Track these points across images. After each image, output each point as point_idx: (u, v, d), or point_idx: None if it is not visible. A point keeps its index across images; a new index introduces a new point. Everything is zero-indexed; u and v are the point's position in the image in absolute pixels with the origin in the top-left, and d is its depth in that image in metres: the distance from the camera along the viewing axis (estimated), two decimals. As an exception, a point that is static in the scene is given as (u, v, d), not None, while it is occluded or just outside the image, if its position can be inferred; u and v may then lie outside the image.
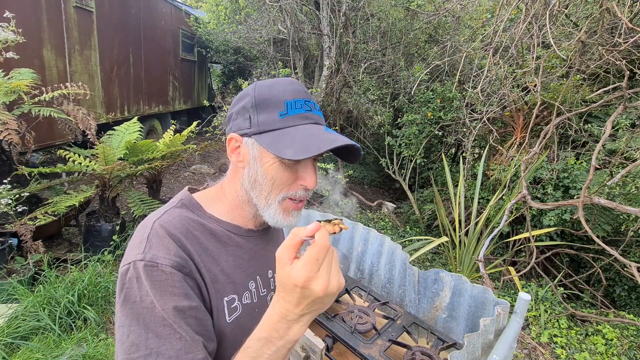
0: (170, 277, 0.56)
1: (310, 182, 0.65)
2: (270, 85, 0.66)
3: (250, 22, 6.43)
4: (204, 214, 0.69)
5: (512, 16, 3.52)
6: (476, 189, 3.66)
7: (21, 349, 2.07)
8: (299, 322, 0.52)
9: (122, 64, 5.24)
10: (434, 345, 1.26)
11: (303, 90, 0.67)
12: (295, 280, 0.48)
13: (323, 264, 0.49)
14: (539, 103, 3.13)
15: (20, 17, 3.11)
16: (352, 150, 0.67)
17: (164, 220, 0.62)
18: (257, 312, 0.70)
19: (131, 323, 0.53)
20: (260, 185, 0.66)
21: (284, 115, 0.63)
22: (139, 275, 0.55)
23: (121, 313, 0.55)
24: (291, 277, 0.49)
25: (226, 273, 0.66)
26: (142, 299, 0.54)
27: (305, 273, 0.48)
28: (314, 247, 0.49)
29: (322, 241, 0.50)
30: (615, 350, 2.61)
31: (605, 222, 3.22)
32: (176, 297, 0.55)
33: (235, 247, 0.70)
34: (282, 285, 0.51)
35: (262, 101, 0.64)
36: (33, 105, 2.91)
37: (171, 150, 3.56)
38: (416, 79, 4.60)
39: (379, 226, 4.90)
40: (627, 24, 2.12)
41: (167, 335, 0.53)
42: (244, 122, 0.65)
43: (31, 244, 2.55)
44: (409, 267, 1.59)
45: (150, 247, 0.57)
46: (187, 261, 0.59)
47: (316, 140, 0.60)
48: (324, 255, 0.49)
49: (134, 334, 0.53)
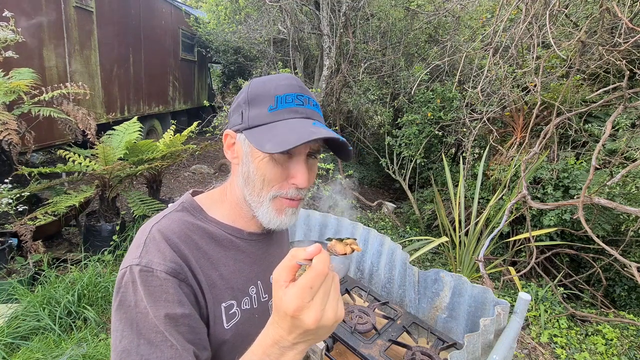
0: (164, 283, 0.55)
1: (300, 180, 0.62)
2: (264, 81, 0.65)
3: (250, 22, 6.43)
4: (205, 217, 0.68)
5: (512, 16, 3.51)
6: (476, 189, 3.66)
7: (21, 349, 2.07)
8: (293, 350, 0.48)
9: (122, 64, 5.24)
10: (434, 345, 1.26)
11: (298, 85, 0.65)
12: (286, 309, 0.44)
13: (318, 293, 0.45)
14: (539, 103, 3.13)
15: (20, 17, 3.11)
16: (341, 146, 0.64)
17: (162, 225, 0.61)
18: (257, 318, 0.69)
19: (124, 328, 0.53)
20: (253, 182, 0.64)
21: (273, 109, 0.62)
22: (135, 280, 0.55)
23: (116, 317, 0.54)
24: (282, 304, 0.45)
25: (225, 278, 0.65)
26: (136, 304, 0.54)
27: (297, 302, 0.44)
28: (309, 273, 0.45)
29: (318, 267, 0.45)
30: (615, 350, 2.61)
31: (605, 222, 3.21)
32: (169, 304, 0.54)
33: (236, 251, 0.68)
34: (276, 309, 0.47)
35: (254, 97, 0.64)
36: (33, 105, 2.91)
37: (171, 150, 3.55)
38: (416, 79, 4.60)
39: (379, 226, 4.90)
40: (627, 24, 2.12)
41: (158, 342, 0.52)
42: (237, 118, 0.65)
43: (31, 244, 2.55)
44: (409, 267, 1.59)
45: (147, 252, 0.57)
46: (182, 267, 0.58)
47: (297, 133, 0.58)
48: (319, 283, 0.45)
49: (126, 339, 0.52)
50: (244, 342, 0.64)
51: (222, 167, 6.52)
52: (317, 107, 0.67)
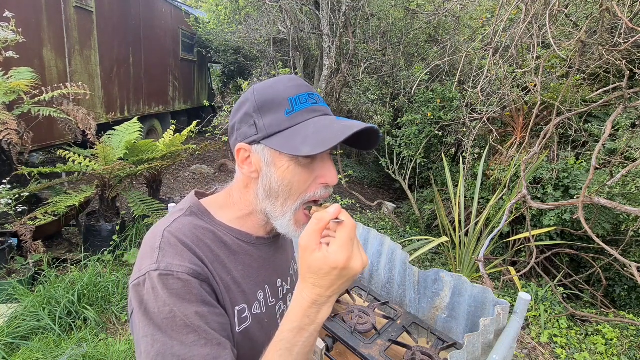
0: (187, 285, 0.54)
1: (331, 177, 0.63)
2: (270, 86, 0.63)
3: (250, 22, 6.43)
4: (214, 222, 0.66)
5: (512, 16, 3.51)
6: (476, 189, 3.66)
7: (21, 349, 2.07)
8: (328, 303, 0.53)
9: (122, 64, 5.24)
10: (434, 345, 1.26)
11: (304, 85, 0.64)
12: (335, 263, 0.49)
13: (355, 242, 0.51)
14: (539, 103, 3.13)
15: (20, 17, 3.11)
16: (371, 134, 0.62)
17: (174, 228, 0.60)
18: (266, 322, 0.69)
19: (154, 333, 0.52)
20: (276, 193, 0.62)
21: (290, 112, 0.60)
22: (155, 286, 0.53)
23: (142, 324, 0.53)
24: (329, 261, 0.49)
25: (237, 282, 0.64)
26: (160, 310, 0.52)
27: (345, 254, 0.49)
28: (345, 227, 0.50)
29: (350, 221, 0.51)
30: (615, 350, 2.61)
31: (605, 221, 3.22)
32: (195, 304, 0.54)
33: (245, 256, 0.67)
34: (314, 270, 0.51)
35: (264, 103, 0.61)
36: (33, 105, 2.91)
37: (171, 150, 3.56)
38: (416, 79, 4.60)
39: (379, 226, 4.90)
40: (627, 24, 2.12)
41: (192, 342, 0.51)
42: (250, 129, 0.62)
43: (31, 244, 2.55)
44: (409, 267, 1.59)
45: (164, 256, 0.56)
46: (202, 268, 0.57)
47: (331, 130, 0.57)
48: (354, 234, 0.51)
49: (159, 342, 0.51)
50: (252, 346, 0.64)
51: (222, 167, 6.53)
52: (325, 103, 0.66)
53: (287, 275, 0.79)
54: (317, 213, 0.53)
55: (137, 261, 0.58)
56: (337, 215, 0.52)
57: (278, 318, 0.73)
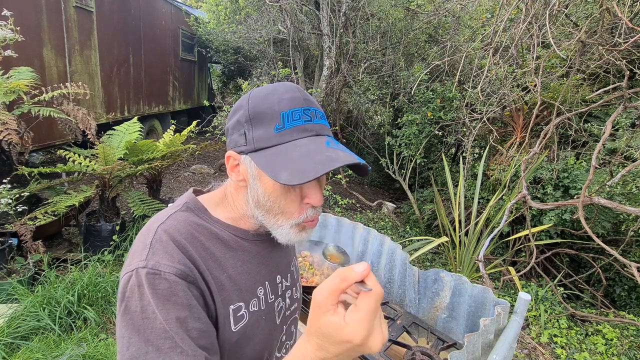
0: (173, 286, 0.53)
1: (315, 199, 0.60)
2: (265, 95, 0.60)
3: (250, 22, 6.43)
4: (210, 218, 0.65)
5: (512, 16, 3.51)
6: (476, 189, 3.66)
7: (21, 349, 2.07)
8: None
9: (122, 64, 5.24)
10: (434, 345, 1.26)
11: (302, 98, 0.60)
12: (350, 337, 0.43)
13: (377, 316, 0.45)
14: (539, 103, 3.13)
15: (20, 17, 3.11)
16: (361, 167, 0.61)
17: (168, 225, 0.59)
18: (264, 319, 0.68)
19: (131, 335, 0.51)
20: (264, 206, 0.62)
21: (280, 129, 0.58)
22: (141, 283, 0.53)
23: (121, 323, 0.52)
24: (344, 332, 0.43)
25: (233, 280, 0.63)
26: (143, 309, 0.52)
27: (365, 329, 0.43)
28: (370, 297, 0.44)
29: (377, 288, 0.44)
30: (615, 350, 2.61)
31: (605, 220, 3.22)
32: (179, 307, 0.53)
33: (243, 252, 0.67)
34: (324, 334, 0.45)
35: (256, 114, 0.59)
36: (33, 105, 2.91)
37: (171, 150, 3.55)
38: (416, 79, 4.59)
39: (379, 226, 4.90)
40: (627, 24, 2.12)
41: (167, 349, 0.50)
42: (240, 138, 0.60)
43: (31, 244, 2.55)
44: (409, 267, 1.59)
45: (153, 254, 0.55)
46: (191, 269, 0.56)
47: (314, 160, 0.55)
48: (379, 305, 0.45)
49: (134, 346, 0.51)
50: (249, 344, 0.64)
51: (222, 167, 6.53)
52: (324, 119, 0.64)
53: (288, 271, 0.78)
54: (342, 270, 0.45)
55: (129, 256, 0.58)
56: (363, 277, 0.45)
57: (276, 315, 0.72)
